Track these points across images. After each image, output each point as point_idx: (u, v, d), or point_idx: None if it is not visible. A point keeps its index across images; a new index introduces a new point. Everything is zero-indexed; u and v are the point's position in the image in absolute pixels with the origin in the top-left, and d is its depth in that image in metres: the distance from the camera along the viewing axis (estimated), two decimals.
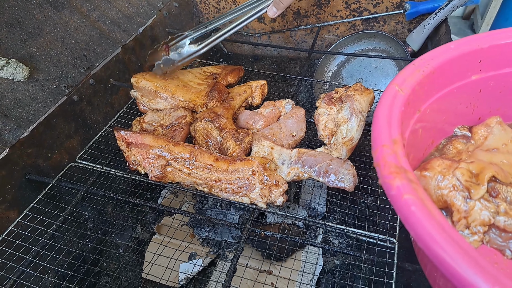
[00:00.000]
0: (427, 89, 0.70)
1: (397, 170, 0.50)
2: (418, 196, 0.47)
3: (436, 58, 0.71)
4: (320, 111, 1.27)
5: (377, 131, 0.57)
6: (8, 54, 1.17)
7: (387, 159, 0.52)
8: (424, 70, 0.68)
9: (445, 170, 0.65)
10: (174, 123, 1.26)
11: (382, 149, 0.54)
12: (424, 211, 0.45)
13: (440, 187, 0.64)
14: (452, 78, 0.74)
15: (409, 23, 1.83)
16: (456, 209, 0.62)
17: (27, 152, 1.14)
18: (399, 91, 0.63)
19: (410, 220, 0.46)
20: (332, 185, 1.06)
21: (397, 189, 0.48)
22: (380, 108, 0.61)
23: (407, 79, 0.66)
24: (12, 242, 1.00)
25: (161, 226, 1.38)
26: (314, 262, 1.15)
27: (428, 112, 0.72)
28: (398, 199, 0.48)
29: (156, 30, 1.72)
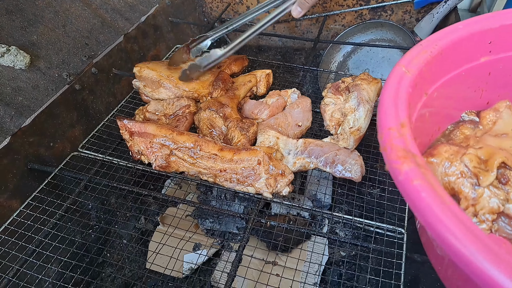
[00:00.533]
0: (435, 71, 0.67)
1: (405, 155, 0.47)
2: (427, 181, 0.44)
3: (443, 39, 0.67)
4: (327, 101, 1.25)
5: (384, 114, 0.54)
6: (8, 41, 1.15)
7: (394, 142, 0.49)
8: (431, 51, 0.65)
9: (452, 156, 0.63)
10: (178, 112, 1.24)
11: (389, 132, 0.51)
12: (435, 197, 0.43)
13: (448, 174, 0.62)
14: (460, 60, 0.71)
15: (417, 12, 1.79)
16: (464, 196, 0.60)
17: (28, 141, 1.12)
18: (406, 72, 0.60)
19: (420, 207, 0.43)
20: (339, 175, 1.04)
21: (406, 175, 0.45)
22: (386, 89, 0.58)
23: (413, 60, 0.62)
24: (14, 231, 0.99)
25: (165, 217, 1.36)
26: (320, 252, 1.13)
27: (435, 95, 0.69)
28: (406, 185, 0.45)
29: (159, 19, 1.70)
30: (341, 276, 1.14)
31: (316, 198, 1.29)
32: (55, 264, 1.09)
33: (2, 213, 1.05)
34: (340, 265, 1.19)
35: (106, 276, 1.26)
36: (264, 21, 1.25)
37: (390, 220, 0.93)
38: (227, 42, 2.23)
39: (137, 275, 1.27)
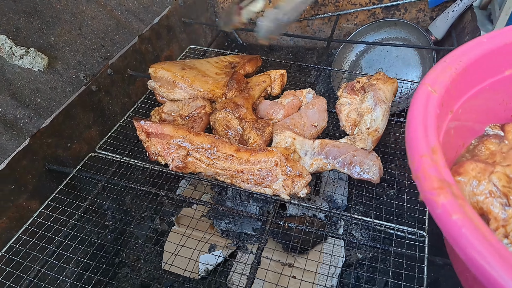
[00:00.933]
0: (460, 88, 0.65)
1: (440, 185, 0.45)
2: (467, 215, 0.43)
3: (468, 53, 0.65)
4: (342, 101, 1.24)
5: (413, 139, 0.52)
6: (27, 43, 1.16)
7: (428, 171, 0.47)
8: (456, 67, 0.62)
9: (479, 175, 0.61)
10: (194, 113, 1.24)
11: (421, 160, 0.48)
12: (477, 233, 0.41)
13: (476, 193, 0.60)
14: (485, 74, 0.69)
15: (431, 10, 1.78)
16: (494, 217, 0.58)
17: (47, 142, 1.13)
18: (432, 92, 0.57)
19: (461, 243, 0.42)
20: (357, 177, 1.03)
21: (443, 208, 0.44)
22: (413, 111, 0.55)
23: (439, 78, 0.60)
24: (35, 232, 1.00)
25: (180, 217, 1.37)
26: (337, 254, 1.13)
27: (460, 112, 0.67)
28: (445, 219, 0.43)
29: (172, 20, 1.70)
30: (359, 279, 1.14)
31: (332, 199, 1.29)
32: (74, 265, 1.10)
33: (22, 214, 1.06)
34: (357, 268, 1.18)
35: (122, 276, 1.27)
36: None
37: (410, 223, 0.92)
38: (237, 41, 2.23)
39: (153, 275, 1.28)
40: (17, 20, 1.16)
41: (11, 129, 1.06)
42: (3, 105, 1.06)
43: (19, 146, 1.05)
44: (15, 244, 0.99)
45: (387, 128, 1.17)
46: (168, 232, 1.33)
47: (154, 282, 1.25)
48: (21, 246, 0.98)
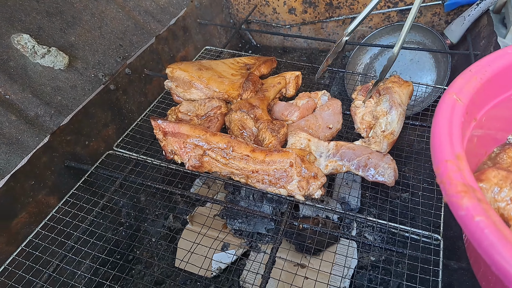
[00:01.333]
0: (484, 97, 0.67)
1: (464, 189, 0.47)
2: (490, 218, 0.44)
3: (493, 64, 0.66)
4: (357, 103, 1.25)
5: (438, 145, 0.53)
6: (49, 43, 1.19)
7: (453, 176, 0.49)
8: (481, 77, 0.64)
9: (501, 182, 0.61)
10: (210, 113, 1.25)
11: (446, 165, 0.50)
12: (499, 235, 0.42)
13: (497, 200, 0.60)
14: (509, 84, 0.70)
15: (447, 14, 1.77)
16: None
17: (66, 139, 1.16)
18: (457, 101, 0.59)
19: (484, 244, 0.43)
20: (372, 179, 1.04)
21: (467, 210, 0.45)
22: (438, 119, 0.57)
23: (464, 87, 0.62)
24: (54, 227, 1.03)
25: (194, 216, 1.38)
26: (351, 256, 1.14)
27: (484, 120, 0.68)
28: (469, 221, 0.45)
29: (188, 21, 1.72)
30: (372, 281, 1.14)
31: (346, 201, 1.29)
32: (91, 260, 1.12)
33: (41, 209, 1.09)
34: (369, 270, 1.18)
35: (137, 272, 1.29)
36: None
37: (425, 226, 0.93)
38: (251, 42, 2.25)
39: (166, 273, 1.30)
40: (39, 20, 1.19)
41: (32, 126, 1.08)
42: (25, 102, 1.09)
43: (39, 142, 1.08)
44: (34, 238, 1.01)
45: (402, 131, 1.17)
46: (181, 230, 1.35)
47: (168, 279, 1.26)
48: (40, 241, 1.01)
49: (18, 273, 0.93)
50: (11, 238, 1.01)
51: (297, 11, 2.02)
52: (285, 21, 2.09)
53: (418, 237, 0.90)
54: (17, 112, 1.06)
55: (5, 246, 1.00)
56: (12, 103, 1.06)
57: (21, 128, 1.05)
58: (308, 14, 2.01)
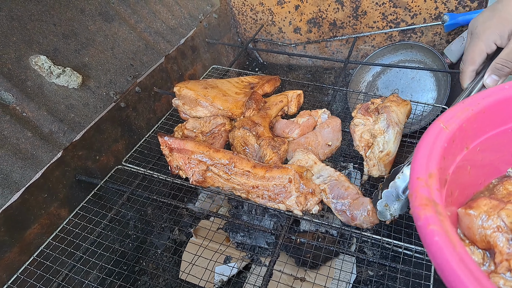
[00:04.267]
0: (477, 127, 0.70)
1: (427, 202, 0.52)
2: (443, 228, 0.49)
3: (488, 98, 0.69)
4: (356, 122, 1.29)
5: (415, 164, 0.59)
6: (64, 63, 1.27)
7: (420, 191, 0.54)
8: (473, 108, 0.67)
9: (491, 210, 0.64)
10: (214, 130, 1.31)
11: (417, 181, 0.56)
12: (447, 242, 0.47)
13: (484, 227, 0.63)
14: (506, 118, 0.73)
15: (447, 34, 1.81)
16: (499, 250, 0.61)
17: (78, 154, 1.22)
18: (443, 128, 0.64)
19: (432, 250, 0.48)
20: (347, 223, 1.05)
21: (424, 220, 0.50)
22: (421, 143, 0.62)
23: (454, 117, 0.66)
24: (64, 238, 1.08)
25: (198, 229, 1.43)
26: (348, 271, 1.16)
27: (478, 150, 0.72)
28: (423, 229, 0.50)
29: (197, 41, 1.80)
30: None
31: None
32: (99, 270, 1.17)
33: (53, 221, 1.15)
34: (367, 284, 1.21)
35: (142, 283, 1.33)
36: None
37: (418, 242, 0.96)
38: (257, 60, 2.31)
39: (170, 284, 1.34)
40: (56, 42, 1.27)
41: (47, 142, 1.15)
42: (41, 119, 1.16)
43: (53, 157, 1.14)
44: (45, 249, 1.07)
45: (400, 149, 1.21)
46: (186, 242, 1.39)
47: None
48: (51, 251, 1.06)
49: (29, 281, 0.98)
50: (24, 248, 1.07)
51: (302, 31, 2.08)
52: (290, 40, 2.15)
53: (411, 252, 0.93)
54: (33, 129, 1.13)
55: (18, 256, 1.05)
56: (28, 120, 1.13)
57: (36, 144, 1.12)
58: (313, 34, 2.07)
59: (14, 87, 1.13)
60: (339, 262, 1.17)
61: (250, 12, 2.11)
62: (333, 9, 1.92)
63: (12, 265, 1.03)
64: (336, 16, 1.94)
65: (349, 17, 1.92)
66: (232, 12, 2.13)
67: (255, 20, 2.14)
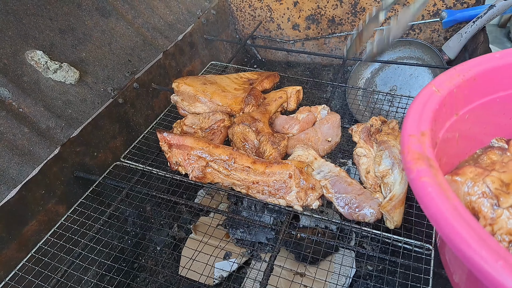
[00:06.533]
0: (467, 94, 0.71)
1: (419, 157, 0.53)
2: (435, 179, 0.49)
3: (479, 66, 0.71)
4: (359, 152, 1.19)
5: (407, 123, 0.60)
6: (60, 59, 1.26)
7: (412, 147, 0.54)
8: (464, 75, 0.69)
9: (476, 177, 0.65)
10: (213, 126, 1.30)
11: (409, 138, 0.56)
12: (440, 192, 0.47)
13: (470, 193, 0.64)
14: (495, 87, 0.74)
15: (446, 31, 1.82)
16: (483, 215, 0.62)
17: (75, 151, 1.21)
18: (435, 91, 0.65)
19: (425, 200, 0.48)
20: (350, 218, 1.04)
21: (417, 172, 0.50)
22: (414, 103, 0.63)
23: (445, 82, 0.67)
24: (62, 234, 1.07)
25: (197, 226, 1.42)
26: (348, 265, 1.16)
27: (467, 117, 0.73)
28: (416, 181, 0.50)
29: (195, 37, 1.79)
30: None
31: None
32: (97, 266, 1.16)
33: (51, 217, 1.14)
34: (367, 279, 1.21)
35: (141, 280, 1.33)
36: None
37: (418, 236, 0.96)
38: (256, 57, 2.31)
39: (169, 280, 1.33)
40: (52, 37, 1.26)
41: (44, 138, 1.14)
42: (38, 115, 1.15)
43: (50, 154, 1.13)
44: (44, 245, 1.06)
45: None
46: (185, 239, 1.39)
47: (171, 286, 1.30)
48: (49, 248, 1.05)
49: (27, 278, 0.97)
50: (22, 245, 1.06)
51: (301, 27, 2.08)
52: (289, 36, 2.15)
53: (411, 246, 0.93)
54: (29, 125, 1.12)
55: (16, 253, 1.04)
56: (25, 116, 1.12)
57: (33, 140, 1.11)
58: (311, 30, 2.07)
59: (10, 82, 1.12)
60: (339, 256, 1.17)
61: (248, 9, 2.10)
62: (332, 5, 1.92)
63: (10, 262, 1.01)
64: (334, 13, 1.94)
65: (348, 14, 1.92)
66: (231, 9, 2.12)
67: (253, 16, 2.13)
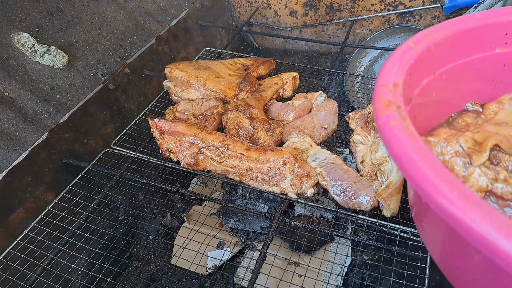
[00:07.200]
0: (445, 53, 0.70)
1: (389, 104, 0.52)
2: (403, 124, 0.49)
3: (458, 25, 0.70)
4: (356, 139, 1.17)
5: (381, 74, 0.59)
6: (48, 42, 1.22)
7: (383, 96, 0.54)
8: (443, 33, 0.68)
9: (450, 137, 0.65)
10: (206, 112, 1.27)
11: (381, 88, 0.56)
12: (406, 135, 0.47)
13: (443, 153, 0.64)
14: (474, 47, 0.73)
15: (446, 17, 1.77)
16: (455, 174, 0.62)
17: (64, 137, 1.18)
18: (412, 47, 0.64)
19: (392, 144, 0.48)
20: (345, 206, 1.01)
21: (386, 118, 0.50)
22: (390, 57, 0.63)
23: (423, 38, 0.66)
24: (49, 222, 1.04)
25: (190, 214, 1.40)
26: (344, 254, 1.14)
27: (444, 77, 0.72)
28: (384, 126, 0.50)
29: (189, 22, 1.74)
30: (364, 279, 1.14)
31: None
32: (86, 255, 1.14)
33: (38, 205, 1.10)
34: (363, 268, 1.18)
35: (132, 269, 1.30)
36: None
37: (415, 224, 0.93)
38: (252, 44, 2.26)
39: (162, 269, 1.31)
40: (40, 19, 1.22)
41: (31, 123, 1.10)
42: (24, 100, 1.11)
43: (37, 139, 1.10)
44: (30, 233, 1.03)
45: None
46: (178, 228, 1.36)
47: (163, 275, 1.27)
48: (36, 235, 1.03)
49: (13, 266, 0.95)
50: (9, 232, 1.03)
51: (298, 14, 2.03)
52: (286, 23, 2.10)
53: (407, 235, 0.90)
54: (16, 109, 1.08)
55: (2, 241, 1.01)
56: (11, 100, 1.09)
57: (20, 125, 1.08)
58: (309, 17, 2.02)
59: None
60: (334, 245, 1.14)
61: None
62: None
63: None
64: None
65: (347, 0, 1.87)
66: None
67: (250, 3, 2.08)
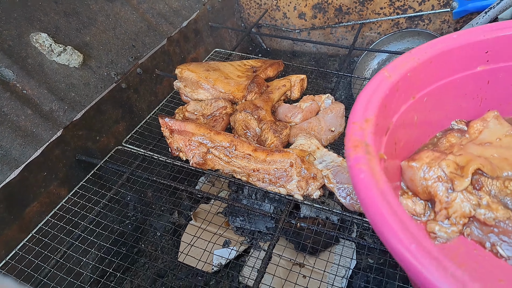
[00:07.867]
0: (424, 77, 0.70)
1: (358, 144, 0.54)
2: (370, 166, 0.50)
3: (435, 47, 0.70)
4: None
5: (353, 110, 0.60)
6: (65, 42, 1.25)
7: (353, 135, 0.55)
8: (419, 58, 0.68)
9: (432, 161, 0.65)
10: (215, 113, 1.30)
11: (352, 126, 0.57)
12: (370, 179, 0.49)
13: (426, 178, 0.64)
14: (454, 68, 0.73)
15: (456, 22, 1.78)
16: (438, 199, 0.63)
17: (78, 134, 1.21)
18: (387, 77, 0.65)
19: (358, 187, 0.49)
20: (351, 209, 1.03)
21: (354, 160, 0.52)
22: (364, 89, 0.63)
23: (398, 66, 0.67)
24: (63, 216, 1.08)
25: (197, 212, 1.43)
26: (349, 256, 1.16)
27: (425, 100, 0.72)
28: (352, 168, 0.51)
29: (200, 24, 1.77)
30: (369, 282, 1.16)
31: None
32: (96, 249, 1.17)
33: (52, 199, 1.14)
34: (367, 271, 1.20)
35: (140, 265, 1.33)
36: None
37: None
38: (261, 46, 2.29)
39: (168, 265, 1.34)
40: (57, 20, 1.25)
41: (47, 120, 1.14)
42: (41, 97, 1.15)
43: (53, 136, 1.13)
44: (44, 226, 1.07)
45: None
46: (185, 225, 1.39)
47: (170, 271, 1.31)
48: (50, 229, 1.06)
49: (27, 258, 0.98)
50: (23, 226, 1.07)
51: (307, 16, 2.05)
52: (295, 25, 2.12)
53: None
54: (33, 107, 1.12)
55: (17, 234, 1.05)
56: (28, 98, 1.12)
57: (36, 122, 1.11)
58: (318, 19, 2.04)
59: (14, 64, 1.12)
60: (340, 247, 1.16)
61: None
62: None
63: (11, 242, 1.02)
64: (342, 2, 1.91)
65: (355, 3, 1.89)
66: None
67: (259, 4, 2.10)
